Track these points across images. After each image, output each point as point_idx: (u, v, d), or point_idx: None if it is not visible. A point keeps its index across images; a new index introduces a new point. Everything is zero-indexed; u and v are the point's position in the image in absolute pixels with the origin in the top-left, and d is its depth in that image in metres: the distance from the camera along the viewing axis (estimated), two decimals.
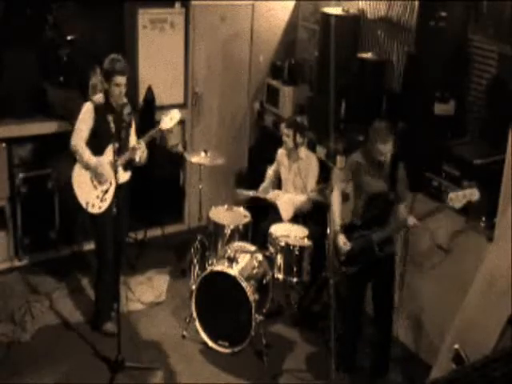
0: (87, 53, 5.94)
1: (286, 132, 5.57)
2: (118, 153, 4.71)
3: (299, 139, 5.55)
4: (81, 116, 4.83)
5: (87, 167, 4.85)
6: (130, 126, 5.00)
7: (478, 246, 4.43)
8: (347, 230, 4.60)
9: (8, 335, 5.03)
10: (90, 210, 4.90)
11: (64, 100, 5.84)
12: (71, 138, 4.82)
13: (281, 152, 5.79)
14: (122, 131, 4.86)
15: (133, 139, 5.04)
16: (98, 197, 4.90)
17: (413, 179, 4.64)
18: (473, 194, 4.09)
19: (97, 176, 4.85)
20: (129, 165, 4.95)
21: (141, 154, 4.84)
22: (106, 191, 4.91)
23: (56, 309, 5.43)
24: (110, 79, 4.73)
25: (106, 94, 4.82)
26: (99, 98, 4.87)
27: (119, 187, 4.74)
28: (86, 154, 4.81)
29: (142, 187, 5.67)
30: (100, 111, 4.78)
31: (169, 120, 4.84)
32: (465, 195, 4.09)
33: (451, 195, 4.11)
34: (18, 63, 5.67)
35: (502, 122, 4.35)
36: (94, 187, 4.89)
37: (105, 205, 4.91)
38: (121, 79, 4.74)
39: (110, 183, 4.89)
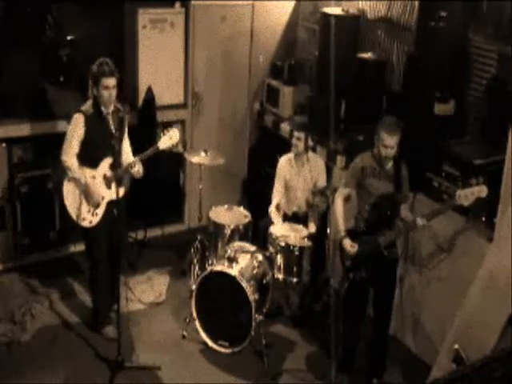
0: (87, 53, 5.93)
1: (297, 135, 5.34)
2: (112, 167, 4.66)
3: (310, 142, 5.43)
4: (71, 128, 4.71)
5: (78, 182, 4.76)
6: (122, 134, 4.86)
7: (478, 246, 4.43)
8: (352, 235, 4.55)
9: (8, 335, 5.03)
10: (81, 223, 4.83)
11: (64, 100, 5.84)
12: (61, 152, 4.71)
13: (284, 160, 5.55)
14: (115, 141, 4.64)
15: (126, 148, 4.95)
16: (89, 211, 4.81)
17: (413, 179, 4.63)
18: (481, 190, 4.05)
19: (87, 196, 4.76)
20: (123, 180, 4.88)
21: (136, 172, 4.78)
22: (98, 206, 4.81)
23: (56, 309, 5.43)
24: (98, 82, 4.58)
25: (96, 100, 4.67)
26: (88, 106, 4.70)
27: (114, 202, 4.68)
28: (78, 172, 4.71)
29: (141, 187, 5.66)
30: (91, 121, 4.66)
31: (168, 139, 4.76)
32: (473, 192, 4.05)
33: (459, 193, 4.08)
34: (18, 63, 5.67)
35: (502, 122, 4.35)
36: (87, 201, 4.80)
37: (96, 219, 4.82)
38: (109, 81, 4.58)
39: (102, 198, 4.81)
